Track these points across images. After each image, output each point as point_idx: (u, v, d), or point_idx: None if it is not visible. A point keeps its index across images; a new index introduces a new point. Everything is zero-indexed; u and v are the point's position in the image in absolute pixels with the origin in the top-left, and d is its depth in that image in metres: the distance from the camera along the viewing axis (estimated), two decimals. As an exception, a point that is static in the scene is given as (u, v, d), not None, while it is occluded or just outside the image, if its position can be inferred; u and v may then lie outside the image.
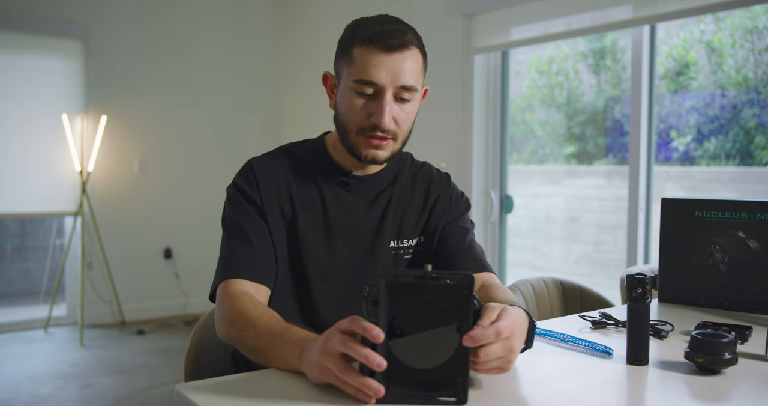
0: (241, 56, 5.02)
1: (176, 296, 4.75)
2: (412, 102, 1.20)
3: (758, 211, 1.40)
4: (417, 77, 1.18)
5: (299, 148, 1.31)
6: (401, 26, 1.17)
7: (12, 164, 4.23)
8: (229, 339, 1.09)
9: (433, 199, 1.33)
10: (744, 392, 0.94)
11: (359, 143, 1.19)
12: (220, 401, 0.86)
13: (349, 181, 1.26)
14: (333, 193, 1.26)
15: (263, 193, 1.22)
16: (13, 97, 4.21)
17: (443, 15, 3.65)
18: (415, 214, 1.31)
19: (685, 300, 1.49)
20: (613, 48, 3.46)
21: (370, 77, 1.14)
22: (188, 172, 4.81)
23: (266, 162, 1.26)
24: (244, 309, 1.07)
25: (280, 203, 1.23)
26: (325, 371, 0.85)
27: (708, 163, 3.03)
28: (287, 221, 1.23)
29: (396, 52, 1.14)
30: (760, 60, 2.84)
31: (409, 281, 0.83)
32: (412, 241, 1.30)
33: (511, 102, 3.69)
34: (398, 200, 1.30)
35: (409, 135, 1.24)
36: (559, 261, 3.77)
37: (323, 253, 1.23)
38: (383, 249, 1.26)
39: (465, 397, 0.82)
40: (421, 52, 1.19)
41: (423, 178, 1.35)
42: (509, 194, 3.61)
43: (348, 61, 1.17)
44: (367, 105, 1.16)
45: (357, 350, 0.82)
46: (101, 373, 3.46)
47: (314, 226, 1.23)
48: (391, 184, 1.31)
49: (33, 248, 5.12)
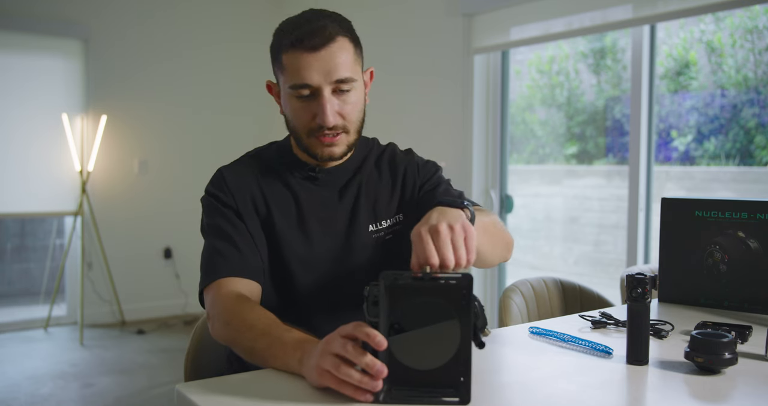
0: (240, 56, 5.01)
1: (176, 296, 4.75)
2: (353, 91, 1.18)
3: (758, 211, 1.40)
4: (351, 67, 1.17)
5: (266, 150, 1.33)
6: (322, 21, 1.15)
7: (12, 164, 4.23)
8: (224, 340, 1.09)
9: (401, 175, 1.33)
10: (744, 392, 0.94)
11: (312, 144, 1.20)
12: (220, 401, 0.86)
13: (317, 175, 1.27)
14: (303, 189, 1.27)
15: (237, 197, 1.23)
16: (13, 97, 4.21)
17: (443, 15, 3.65)
18: (387, 193, 1.31)
19: (685, 300, 1.49)
20: (614, 48, 3.46)
21: (303, 80, 1.14)
22: (188, 172, 4.81)
23: (235, 168, 1.28)
24: (240, 310, 1.07)
25: (255, 205, 1.24)
26: (324, 373, 0.85)
27: (708, 163, 3.02)
28: (263, 222, 1.24)
29: (322, 49, 1.13)
30: (760, 60, 2.84)
31: (409, 283, 0.83)
32: (390, 220, 1.30)
33: (511, 102, 3.69)
34: (368, 184, 1.30)
35: (362, 123, 1.24)
36: (559, 261, 3.77)
37: (302, 247, 1.24)
38: (362, 234, 1.27)
39: (468, 397, 0.82)
40: (350, 39, 1.18)
41: (387, 157, 1.35)
42: (509, 194, 3.60)
43: (280, 68, 1.18)
44: (309, 106, 1.17)
45: (358, 357, 0.81)
46: (101, 373, 3.46)
47: (290, 222, 1.24)
48: (359, 171, 1.31)
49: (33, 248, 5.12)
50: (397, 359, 0.82)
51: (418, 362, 0.83)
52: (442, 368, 0.82)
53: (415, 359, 0.83)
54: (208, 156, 4.87)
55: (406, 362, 0.82)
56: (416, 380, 0.83)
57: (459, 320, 0.82)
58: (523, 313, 1.66)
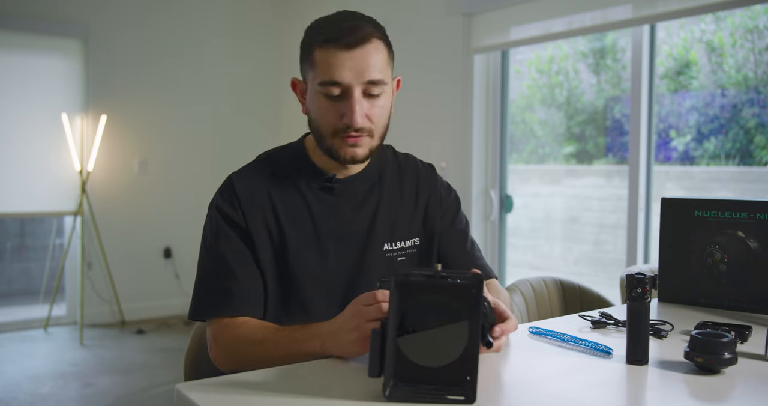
0: (241, 55, 5.01)
1: (176, 296, 4.75)
2: (383, 96, 1.16)
3: (758, 211, 1.40)
4: (383, 70, 1.15)
5: (279, 154, 1.28)
6: (359, 21, 1.14)
7: (12, 164, 4.23)
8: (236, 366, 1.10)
9: (425, 198, 1.31)
10: (744, 392, 0.94)
11: (336, 145, 1.17)
12: (220, 401, 0.86)
13: (333, 185, 1.23)
14: (318, 200, 1.23)
15: (247, 214, 1.19)
16: (13, 96, 4.21)
17: (443, 15, 3.65)
18: (408, 215, 1.29)
19: (684, 300, 1.49)
20: (613, 48, 3.46)
21: (334, 78, 1.12)
22: (188, 171, 4.81)
23: (247, 177, 1.23)
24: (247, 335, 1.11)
25: (266, 221, 1.20)
26: (357, 337, 0.96)
27: (708, 163, 3.03)
28: (275, 237, 1.20)
29: (357, 48, 1.11)
30: (760, 60, 2.84)
31: (420, 281, 0.83)
32: (407, 242, 1.28)
33: (511, 102, 3.69)
34: (388, 201, 1.28)
35: (386, 130, 1.21)
36: (559, 261, 3.77)
37: (315, 263, 1.21)
38: (377, 253, 1.24)
39: (473, 396, 0.82)
40: (384, 44, 1.17)
41: (410, 174, 1.33)
42: (509, 194, 3.60)
43: (311, 64, 1.15)
44: (337, 106, 1.14)
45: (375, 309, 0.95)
46: (101, 372, 3.46)
47: (303, 237, 1.21)
48: (377, 183, 1.28)
49: (33, 248, 5.12)
50: (405, 355, 0.83)
51: (425, 360, 0.83)
52: (449, 366, 0.83)
53: (423, 356, 0.83)
54: (208, 156, 4.88)
55: (414, 359, 0.83)
56: (423, 377, 0.83)
57: (468, 319, 0.83)
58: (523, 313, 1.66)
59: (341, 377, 0.95)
